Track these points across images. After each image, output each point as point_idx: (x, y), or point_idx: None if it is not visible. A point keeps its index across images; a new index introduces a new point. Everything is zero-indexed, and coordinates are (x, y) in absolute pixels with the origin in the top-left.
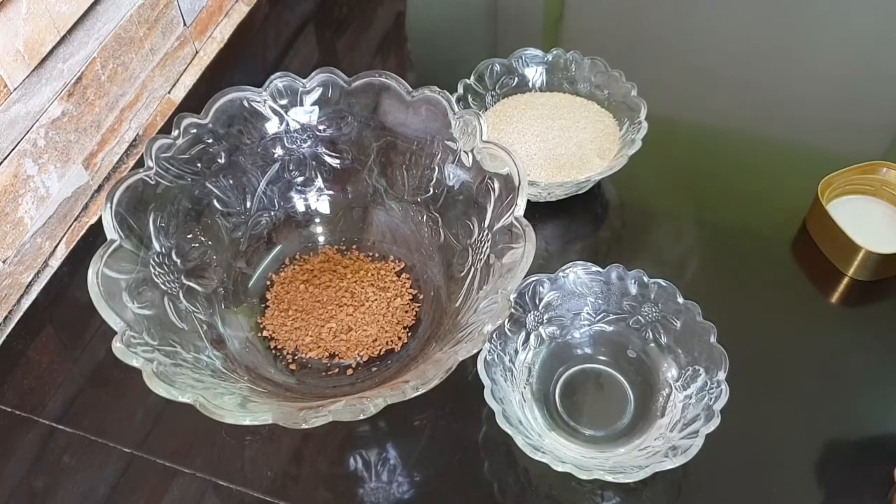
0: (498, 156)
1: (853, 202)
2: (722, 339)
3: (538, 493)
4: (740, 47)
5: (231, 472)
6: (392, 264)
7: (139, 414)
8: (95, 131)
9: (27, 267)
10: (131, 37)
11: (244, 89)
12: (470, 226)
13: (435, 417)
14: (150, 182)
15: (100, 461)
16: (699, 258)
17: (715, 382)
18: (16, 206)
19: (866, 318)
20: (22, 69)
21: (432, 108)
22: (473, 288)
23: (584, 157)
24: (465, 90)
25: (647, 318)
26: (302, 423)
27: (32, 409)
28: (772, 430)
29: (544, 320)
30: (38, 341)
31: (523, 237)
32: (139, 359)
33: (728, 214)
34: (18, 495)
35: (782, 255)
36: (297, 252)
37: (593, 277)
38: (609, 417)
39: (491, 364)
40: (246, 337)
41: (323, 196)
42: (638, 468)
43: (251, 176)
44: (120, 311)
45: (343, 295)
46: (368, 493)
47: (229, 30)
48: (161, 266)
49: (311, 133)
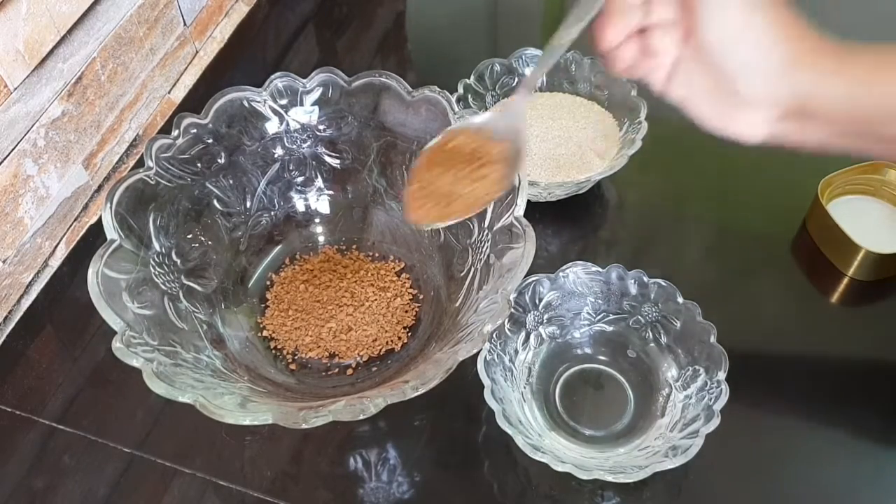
0: None
1: (853, 202)
2: (722, 339)
3: (538, 493)
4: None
5: (231, 472)
6: (392, 264)
7: (139, 414)
8: (95, 131)
9: (27, 267)
10: (131, 37)
11: (244, 89)
12: (470, 226)
13: (435, 417)
14: (150, 182)
15: (100, 461)
16: (699, 258)
17: (715, 382)
18: (16, 206)
19: (866, 318)
20: (22, 69)
21: (432, 108)
22: (473, 288)
23: (584, 157)
24: (465, 90)
25: (647, 318)
26: (302, 423)
27: (32, 409)
28: (772, 430)
29: (544, 320)
30: (38, 341)
31: (523, 237)
32: (139, 359)
33: (728, 214)
34: (18, 495)
35: (782, 255)
36: (297, 252)
37: (593, 277)
38: (609, 417)
39: (491, 364)
40: (246, 337)
41: (323, 196)
42: (638, 468)
43: (251, 176)
44: (120, 311)
45: (343, 295)
46: (368, 493)
47: (229, 30)
48: (161, 266)
49: (311, 133)
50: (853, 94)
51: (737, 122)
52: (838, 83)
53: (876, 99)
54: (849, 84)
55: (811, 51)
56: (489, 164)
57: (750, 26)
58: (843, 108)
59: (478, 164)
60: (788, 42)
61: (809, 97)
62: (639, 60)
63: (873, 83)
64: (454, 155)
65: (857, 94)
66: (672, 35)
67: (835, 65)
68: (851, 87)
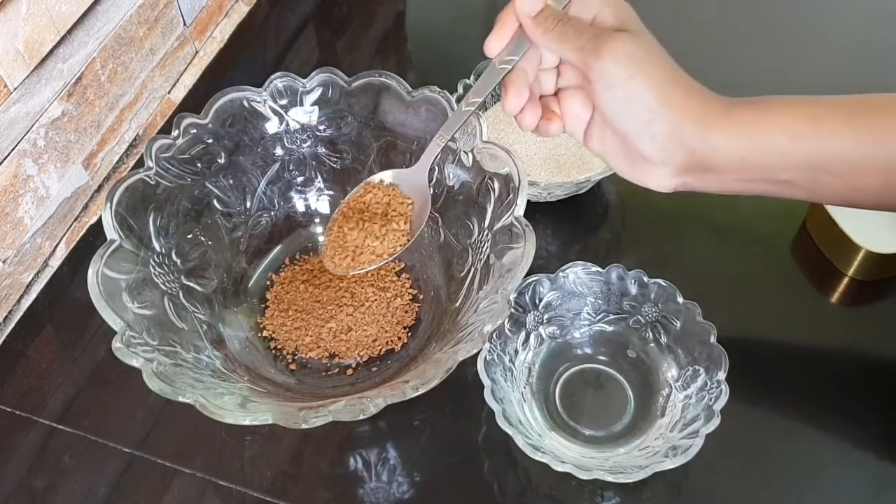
0: (498, 156)
1: None
2: (722, 339)
3: (538, 493)
4: (740, 48)
5: (231, 472)
6: (392, 264)
7: (139, 414)
8: (95, 131)
9: (27, 267)
10: (131, 37)
11: (244, 89)
12: (470, 226)
13: (435, 417)
14: (150, 182)
15: (100, 461)
16: (699, 258)
17: (715, 382)
18: (16, 206)
19: (866, 318)
20: (22, 69)
21: (432, 108)
22: (473, 288)
23: (584, 157)
24: (465, 90)
25: (647, 318)
26: (302, 423)
27: (32, 409)
28: (772, 430)
29: (544, 320)
30: (38, 341)
31: (523, 237)
32: (139, 359)
33: (728, 214)
34: (18, 495)
35: (782, 255)
36: (297, 252)
37: (593, 277)
38: (609, 417)
39: (491, 364)
40: (246, 337)
41: (323, 196)
42: (638, 468)
43: (251, 176)
44: (120, 311)
45: (343, 295)
46: (368, 493)
47: (229, 30)
48: (161, 266)
49: (311, 133)
50: (739, 146)
51: (646, 176)
52: (723, 137)
53: (761, 147)
54: (733, 137)
55: (696, 109)
56: (396, 219)
57: (634, 97)
58: (733, 160)
59: (385, 220)
60: (672, 106)
61: (700, 153)
62: (543, 123)
63: (756, 133)
64: (368, 207)
65: (742, 146)
66: (580, 98)
67: (720, 120)
68: (737, 140)
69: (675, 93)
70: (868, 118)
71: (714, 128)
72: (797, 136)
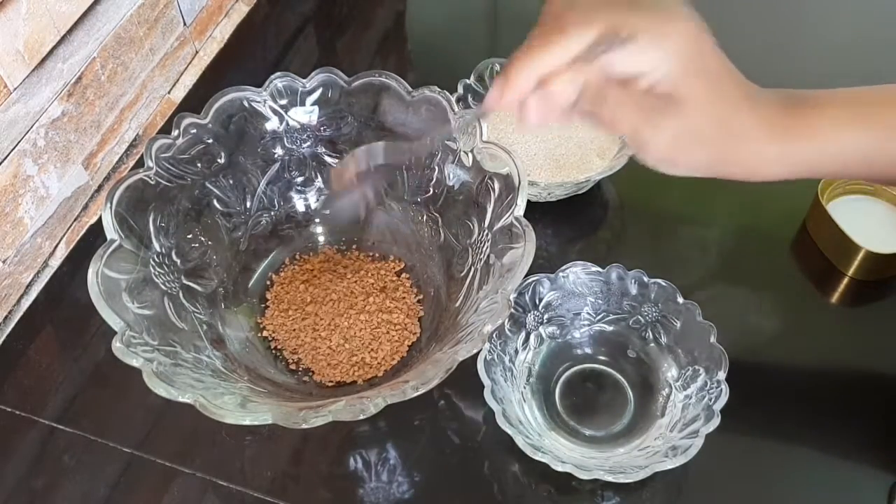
0: (498, 156)
1: (853, 202)
2: (722, 339)
3: (538, 493)
4: (739, 47)
5: (231, 472)
6: (392, 264)
7: (139, 414)
8: (95, 131)
9: (27, 267)
10: (131, 37)
11: (244, 89)
12: (470, 226)
13: (435, 417)
14: (150, 182)
15: (100, 461)
16: (699, 258)
17: (715, 382)
18: (16, 206)
19: (866, 318)
20: (22, 69)
21: (432, 108)
22: (473, 288)
23: (585, 157)
24: (465, 90)
25: (647, 318)
26: (302, 423)
27: (32, 409)
28: (772, 430)
29: (544, 320)
30: (38, 341)
31: (523, 237)
32: (139, 359)
33: (728, 214)
34: (18, 495)
35: (782, 255)
36: (297, 252)
37: (593, 277)
38: (609, 417)
39: (491, 364)
40: (246, 337)
41: (323, 196)
42: (638, 468)
43: (251, 176)
44: (120, 311)
45: (343, 295)
46: (368, 493)
47: (229, 30)
48: (161, 266)
49: (311, 133)
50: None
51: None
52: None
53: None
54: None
55: (780, 122)
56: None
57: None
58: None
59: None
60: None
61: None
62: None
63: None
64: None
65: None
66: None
67: (803, 128)
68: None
69: (734, 114)
70: None
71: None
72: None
